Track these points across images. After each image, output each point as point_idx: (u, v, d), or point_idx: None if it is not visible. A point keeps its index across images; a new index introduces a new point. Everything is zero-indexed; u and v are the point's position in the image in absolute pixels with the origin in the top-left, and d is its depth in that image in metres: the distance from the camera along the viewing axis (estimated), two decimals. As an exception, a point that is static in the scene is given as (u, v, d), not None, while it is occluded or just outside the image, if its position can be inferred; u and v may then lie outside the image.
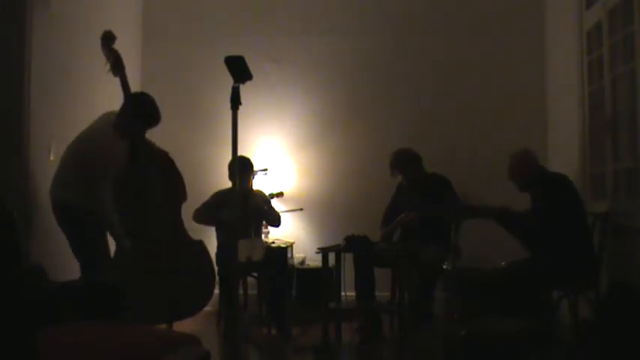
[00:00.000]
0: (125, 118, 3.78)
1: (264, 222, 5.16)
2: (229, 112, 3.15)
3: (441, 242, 4.48)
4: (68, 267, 3.67)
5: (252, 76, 3.14)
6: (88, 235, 3.65)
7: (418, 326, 4.44)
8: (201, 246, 4.23)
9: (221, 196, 4.93)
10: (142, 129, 3.86)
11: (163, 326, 3.78)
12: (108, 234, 3.87)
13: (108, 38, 3.89)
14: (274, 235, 5.32)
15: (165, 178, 4.07)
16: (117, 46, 4.01)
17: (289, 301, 4.90)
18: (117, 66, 3.88)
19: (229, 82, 3.13)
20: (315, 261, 5.25)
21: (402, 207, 4.81)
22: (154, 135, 4.12)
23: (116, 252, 3.89)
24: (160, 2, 6.00)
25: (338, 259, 4.63)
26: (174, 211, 4.15)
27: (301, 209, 5.62)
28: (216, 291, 4.45)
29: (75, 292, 2.78)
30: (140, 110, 3.80)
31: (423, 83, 5.80)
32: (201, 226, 4.89)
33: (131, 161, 3.86)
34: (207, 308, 4.30)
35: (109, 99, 3.90)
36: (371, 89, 5.86)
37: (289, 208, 5.54)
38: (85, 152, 3.67)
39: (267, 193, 5.27)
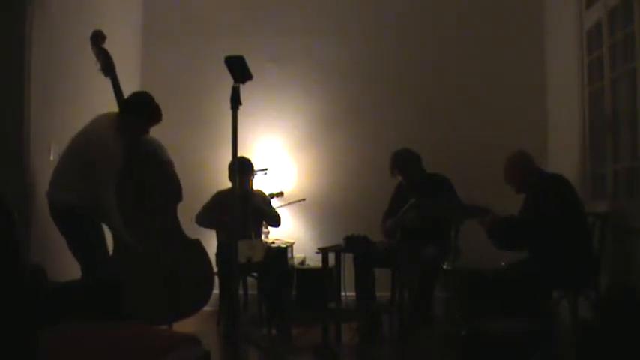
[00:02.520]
0: (128, 117, 3.79)
1: (264, 222, 5.16)
2: (229, 112, 3.16)
3: (441, 242, 4.48)
4: (68, 267, 3.67)
5: (252, 76, 3.15)
6: (86, 235, 3.65)
7: (418, 326, 4.44)
8: (199, 245, 4.25)
9: (221, 197, 4.93)
10: (145, 127, 3.87)
11: (163, 326, 3.78)
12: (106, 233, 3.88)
13: (97, 37, 3.89)
14: (274, 235, 5.32)
15: (162, 178, 4.08)
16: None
17: (289, 301, 4.90)
18: (107, 66, 3.88)
19: (229, 82, 3.14)
20: (315, 261, 5.25)
21: (402, 207, 4.81)
22: (155, 135, 4.13)
23: (115, 252, 3.90)
24: (160, 2, 6.00)
25: (338, 259, 4.63)
26: (172, 211, 4.16)
27: (304, 199, 5.61)
28: (216, 291, 4.46)
29: (75, 292, 2.78)
30: (143, 109, 3.81)
31: (423, 83, 5.79)
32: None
33: (130, 161, 3.87)
34: (207, 308, 4.31)
35: (109, 99, 3.90)
36: (371, 89, 5.85)
37: (290, 201, 5.52)
38: (84, 152, 3.67)
39: (267, 193, 5.27)
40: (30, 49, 3.69)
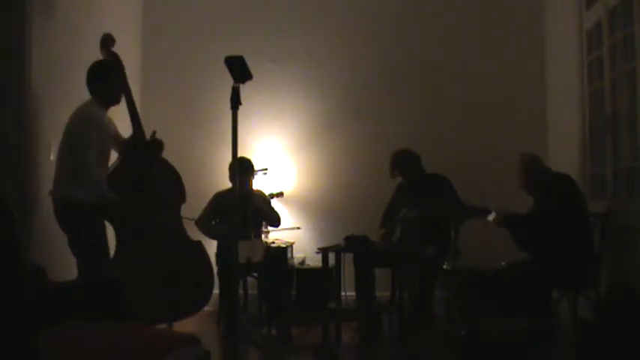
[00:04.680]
0: (98, 86, 3.86)
1: (263, 222, 5.16)
2: (229, 112, 3.16)
3: (441, 242, 4.48)
4: (68, 267, 3.67)
5: (252, 76, 3.15)
6: (85, 234, 3.65)
7: (418, 326, 4.44)
8: (199, 246, 4.25)
9: (220, 198, 4.93)
10: (114, 89, 3.93)
11: (163, 326, 3.78)
12: (107, 232, 3.88)
13: (107, 41, 3.95)
14: (274, 235, 5.32)
15: (166, 179, 4.09)
16: (117, 46, 4.02)
17: (289, 301, 4.90)
18: None
19: (229, 82, 3.14)
20: (315, 261, 5.25)
21: (402, 207, 4.81)
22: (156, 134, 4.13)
23: (116, 251, 3.90)
24: (159, 2, 6.00)
25: (338, 259, 4.63)
26: (174, 212, 4.17)
27: (299, 228, 5.60)
28: (216, 291, 4.46)
29: (75, 292, 2.78)
30: (103, 74, 3.86)
31: (423, 83, 5.79)
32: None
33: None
34: (207, 308, 4.31)
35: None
36: (371, 89, 5.85)
37: (287, 226, 5.51)
38: (73, 135, 3.68)
39: (267, 193, 5.27)
40: (30, 49, 3.69)
